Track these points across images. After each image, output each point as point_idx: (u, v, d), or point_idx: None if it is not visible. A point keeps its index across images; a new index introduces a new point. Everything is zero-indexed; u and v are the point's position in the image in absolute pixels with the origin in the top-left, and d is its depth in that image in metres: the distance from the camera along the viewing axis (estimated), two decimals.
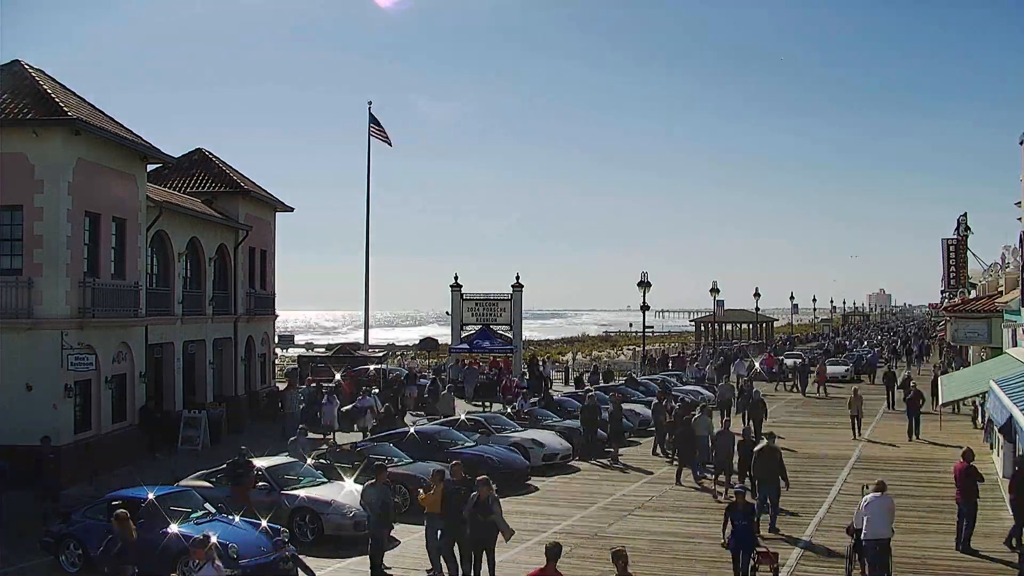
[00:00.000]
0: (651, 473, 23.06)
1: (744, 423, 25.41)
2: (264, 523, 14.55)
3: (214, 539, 11.56)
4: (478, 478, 13.72)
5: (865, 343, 78.79)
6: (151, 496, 14.69)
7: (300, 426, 23.09)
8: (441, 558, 13.79)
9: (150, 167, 27.09)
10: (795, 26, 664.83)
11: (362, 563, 14.73)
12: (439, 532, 13.87)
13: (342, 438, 27.60)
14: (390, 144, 44.84)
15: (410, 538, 16.05)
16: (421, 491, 14.69)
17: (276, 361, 43.67)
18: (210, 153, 36.31)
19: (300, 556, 14.45)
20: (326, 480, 17.84)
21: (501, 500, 19.54)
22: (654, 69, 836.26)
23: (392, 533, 15.39)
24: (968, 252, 44.59)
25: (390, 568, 14.41)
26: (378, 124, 44.09)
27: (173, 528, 13.92)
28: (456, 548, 13.68)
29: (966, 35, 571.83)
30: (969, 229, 44.52)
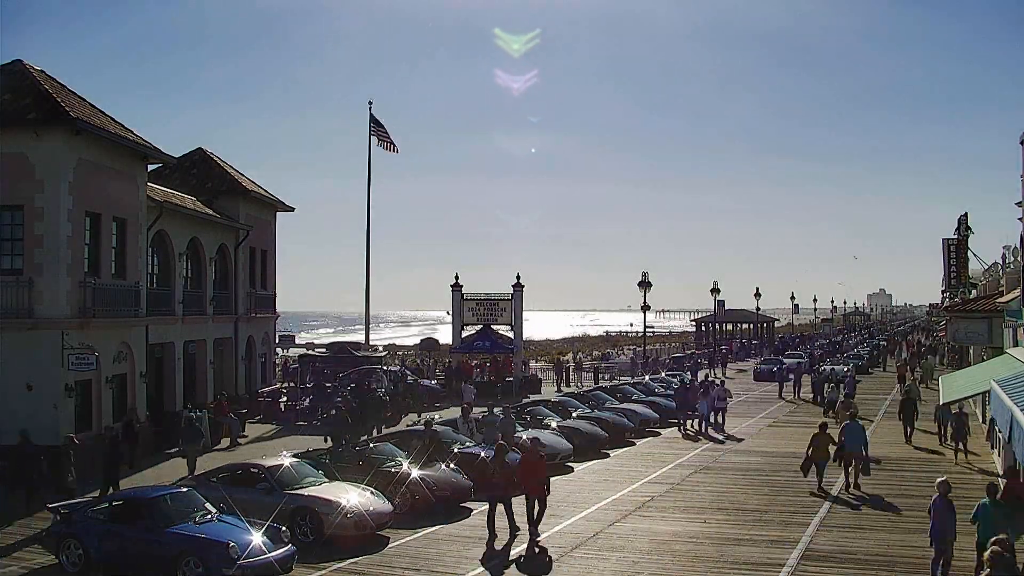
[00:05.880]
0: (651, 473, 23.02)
1: None
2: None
3: None
4: None
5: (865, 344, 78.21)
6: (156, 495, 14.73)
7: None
8: None
9: (150, 167, 27.08)
10: (796, 27, 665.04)
11: (362, 564, 14.76)
12: None
13: None
14: (395, 149, 43.54)
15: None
16: None
17: (276, 361, 43.61)
18: (210, 153, 36.33)
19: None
20: (327, 480, 17.83)
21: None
22: (654, 69, 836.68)
23: None
24: (968, 252, 44.49)
25: None
26: (380, 126, 43.42)
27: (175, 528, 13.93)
28: None
29: (966, 36, 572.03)
30: (969, 229, 44.38)
